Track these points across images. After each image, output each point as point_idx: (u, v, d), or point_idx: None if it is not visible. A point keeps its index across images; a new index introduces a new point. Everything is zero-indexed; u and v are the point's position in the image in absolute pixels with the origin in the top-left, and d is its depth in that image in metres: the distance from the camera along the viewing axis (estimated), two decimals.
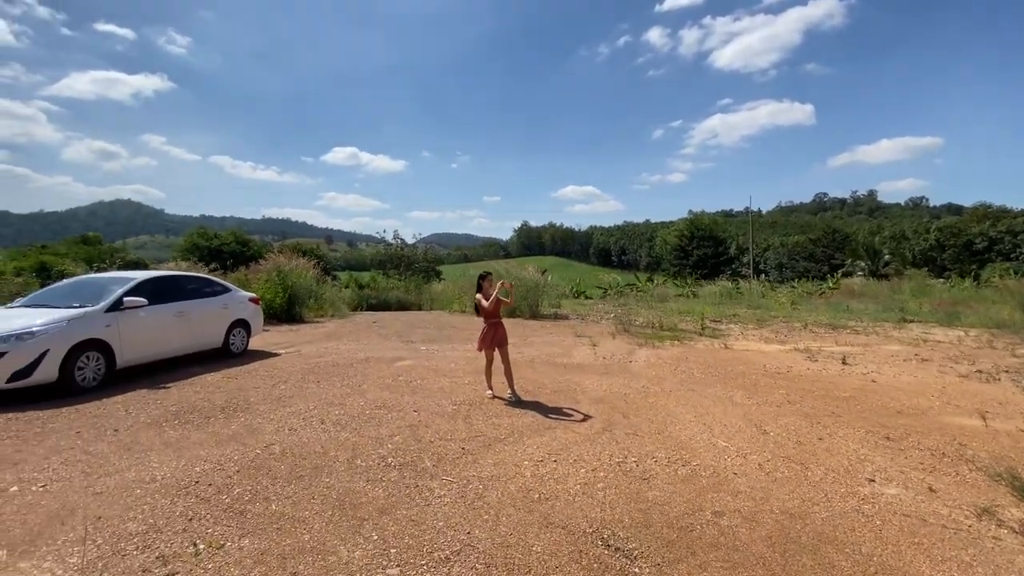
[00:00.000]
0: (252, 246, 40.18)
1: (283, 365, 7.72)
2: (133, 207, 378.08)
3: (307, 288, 15.08)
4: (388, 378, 6.93)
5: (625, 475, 3.74)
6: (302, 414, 5.15)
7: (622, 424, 5.00)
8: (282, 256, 16.51)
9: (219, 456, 3.98)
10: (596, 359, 8.65)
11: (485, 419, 5.08)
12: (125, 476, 3.61)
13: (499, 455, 4.10)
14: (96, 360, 6.00)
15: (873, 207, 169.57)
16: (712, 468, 3.91)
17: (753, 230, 64.40)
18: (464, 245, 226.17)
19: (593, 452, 4.20)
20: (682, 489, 3.52)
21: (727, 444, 4.46)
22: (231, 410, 5.27)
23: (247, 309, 8.73)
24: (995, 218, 64.12)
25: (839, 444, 4.50)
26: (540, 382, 6.82)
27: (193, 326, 7.43)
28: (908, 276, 27.61)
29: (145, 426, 4.73)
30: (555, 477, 3.68)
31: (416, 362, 8.16)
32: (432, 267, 52.52)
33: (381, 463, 3.88)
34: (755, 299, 22.03)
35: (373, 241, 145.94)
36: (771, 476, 3.78)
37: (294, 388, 6.27)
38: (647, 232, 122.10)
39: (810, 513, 3.21)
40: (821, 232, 75.12)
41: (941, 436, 4.74)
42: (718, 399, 6.08)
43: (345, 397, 5.87)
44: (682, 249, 69.86)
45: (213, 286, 8.22)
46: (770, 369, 7.90)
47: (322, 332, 11.96)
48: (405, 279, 35.73)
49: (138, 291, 6.65)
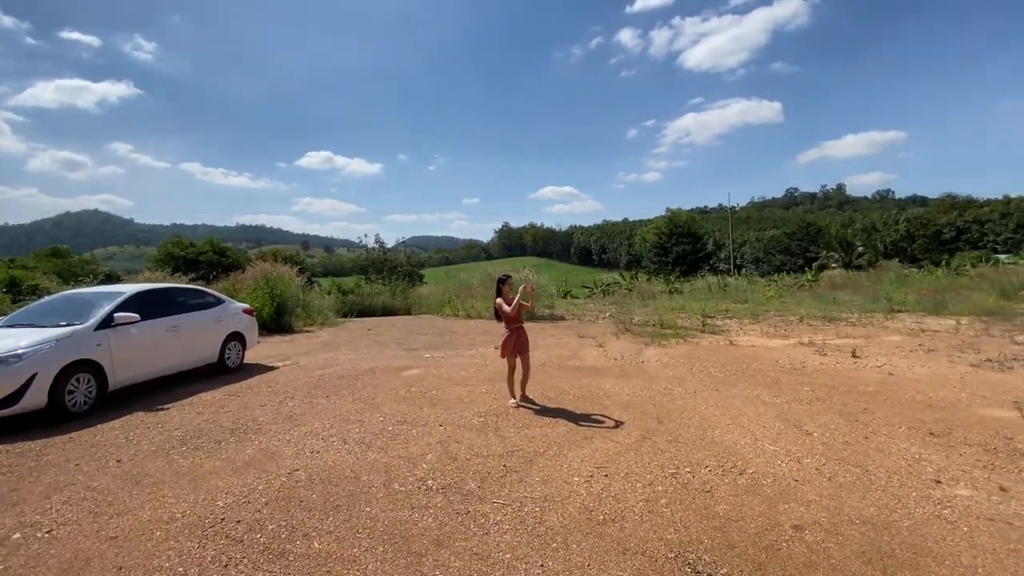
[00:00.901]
0: (230, 254, 39.02)
1: (285, 379, 7.31)
2: (101, 217, 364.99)
3: (295, 296, 14.56)
4: (400, 389, 6.60)
5: (684, 488, 3.52)
6: (320, 434, 4.80)
7: (659, 431, 4.79)
8: (267, 263, 15.95)
9: (241, 487, 3.62)
10: (608, 360, 8.45)
11: (516, 431, 4.81)
12: (139, 516, 3.23)
13: (544, 471, 3.84)
14: (87, 382, 5.53)
15: (842, 200, 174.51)
16: (770, 475, 3.72)
17: (732, 226, 65.42)
18: (445, 247, 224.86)
19: (641, 463, 3.98)
20: (749, 501, 3.31)
21: (775, 448, 4.29)
22: (242, 432, 4.88)
23: (242, 321, 8.28)
24: (962, 208, 66.51)
25: (887, 443, 4.37)
26: (560, 387, 6.58)
27: (187, 341, 6.97)
28: (885, 267, 28.29)
29: (150, 454, 4.33)
30: (612, 494, 3.44)
31: (424, 371, 7.84)
32: (415, 271, 51.86)
33: (421, 486, 3.58)
34: (742, 294, 22.18)
35: (352, 246, 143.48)
36: (834, 481, 3.61)
37: (304, 404, 5.90)
38: (626, 230, 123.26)
39: (892, 522, 3.04)
40: (795, 226, 76.82)
41: (983, 430, 4.65)
42: (746, 399, 5.93)
43: (361, 412, 5.53)
44: (661, 246, 70.57)
45: (205, 298, 7.76)
46: (785, 365, 7.82)
47: (317, 342, 11.50)
48: (390, 284, 35.12)
49: (128, 306, 6.19)
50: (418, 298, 26.26)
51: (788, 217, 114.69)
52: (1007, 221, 59.38)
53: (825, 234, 65.76)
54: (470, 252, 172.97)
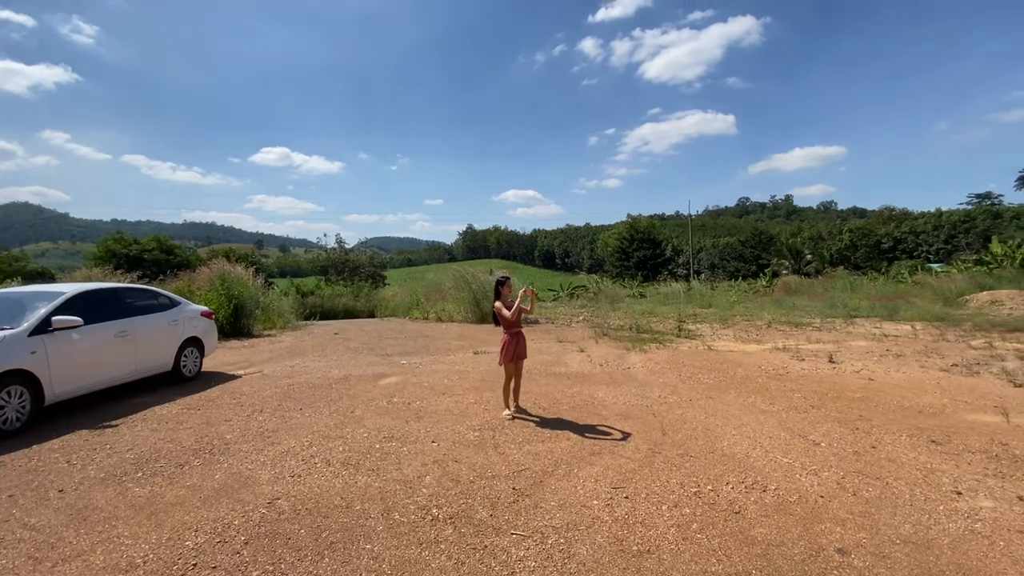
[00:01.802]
0: (178, 253, 36.64)
1: (250, 390, 6.68)
2: (32, 210, 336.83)
3: (253, 298, 13.66)
4: (380, 400, 6.13)
5: (712, 509, 3.29)
6: (298, 453, 4.30)
7: (667, 443, 4.57)
8: (222, 263, 14.93)
9: (213, 522, 3.12)
10: (594, 367, 8.24)
11: (517, 447, 4.48)
12: (91, 561, 2.69)
13: (559, 494, 3.52)
14: (19, 396, 4.79)
15: (790, 210, 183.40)
16: (795, 491, 3.55)
17: (692, 233, 67.34)
18: (407, 249, 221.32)
19: (659, 481, 3.73)
20: (783, 522, 3.11)
21: (788, 460, 4.15)
22: (207, 453, 4.32)
23: (199, 325, 7.55)
24: (899, 220, 71.09)
25: (895, 452, 4.31)
26: (552, 396, 6.29)
27: (138, 348, 6.23)
28: (836, 274, 29.67)
29: (99, 482, 3.72)
30: (639, 519, 3.16)
31: (403, 379, 7.37)
32: (378, 272, 50.50)
33: (425, 516, 3.19)
34: (706, 299, 22.63)
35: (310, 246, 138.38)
36: (859, 496, 3.47)
37: (275, 419, 5.35)
38: (588, 235, 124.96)
39: (932, 540, 2.90)
40: (748, 234, 79.93)
41: (978, 436, 4.69)
42: (743, 407, 5.82)
43: (341, 427, 5.05)
44: (623, 251, 71.94)
45: (159, 299, 6.99)
46: (768, 371, 7.83)
47: (281, 347, 10.76)
48: (352, 285, 33.97)
49: (69, 308, 5.44)
50: (382, 300, 25.44)
51: (741, 225, 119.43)
52: (939, 232, 63.94)
53: (776, 242, 68.76)
54: (433, 254, 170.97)
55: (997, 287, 20.73)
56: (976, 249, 44.97)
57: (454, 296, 16.68)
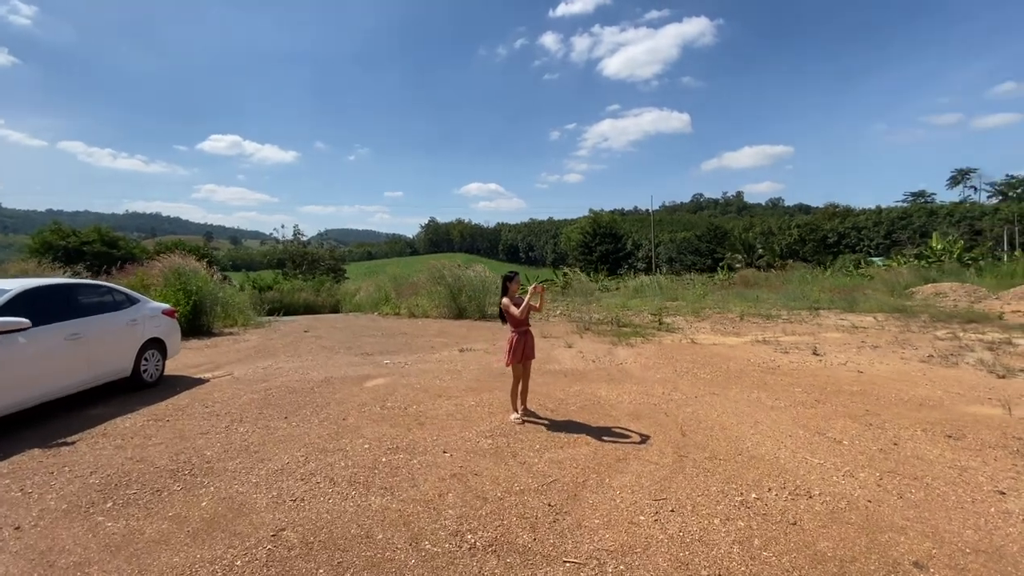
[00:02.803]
0: (122, 245, 34.00)
1: (223, 396, 6.05)
2: None
3: (213, 294, 12.71)
4: (373, 405, 5.67)
5: (766, 520, 3.08)
6: (294, 471, 3.83)
7: (690, 446, 4.37)
8: (177, 256, 13.84)
9: (210, 563, 2.64)
10: (586, 363, 8.03)
11: (537, 455, 4.16)
12: None
13: (599, 509, 3.23)
14: None
15: (741, 206, 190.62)
16: (840, 496, 3.40)
17: (653, 228, 68.73)
18: (366, 241, 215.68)
19: (698, 490, 3.50)
20: (844, 533, 2.94)
21: (819, 460, 4.02)
22: (187, 475, 3.77)
23: (161, 324, 6.80)
24: (842, 216, 75.10)
25: (919, 449, 4.27)
26: (555, 396, 6.02)
27: (93, 351, 5.49)
28: (792, 267, 30.89)
29: (63, 516, 3.14)
30: (695, 536, 2.91)
31: (391, 380, 6.91)
32: (338, 265, 48.82)
33: (461, 544, 2.83)
34: (672, 292, 22.96)
35: (264, 238, 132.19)
36: (906, 499, 3.36)
37: (259, 430, 4.80)
38: (551, 229, 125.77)
39: (1000, 547, 2.79)
40: (704, 229, 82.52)
41: (989, 430, 4.73)
42: (749, 403, 5.73)
43: (337, 438, 4.58)
44: (586, 245, 72.70)
45: (115, 296, 6.21)
46: (759, 365, 7.84)
47: (247, 347, 10.00)
48: (313, 279, 32.61)
49: (13, 308, 4.68)
50: (346, 295, 24.52)
51: (696, 220, 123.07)
52: (879, 228, 68.14)
53: (730, 237, 71.30)
54: (394, 247, 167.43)
55: (940, 280, 22.16)
56: (916, 244, 48.19)
57: (428, 291, 16.12)
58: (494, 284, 16.81)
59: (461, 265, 17.32)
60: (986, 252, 35.93)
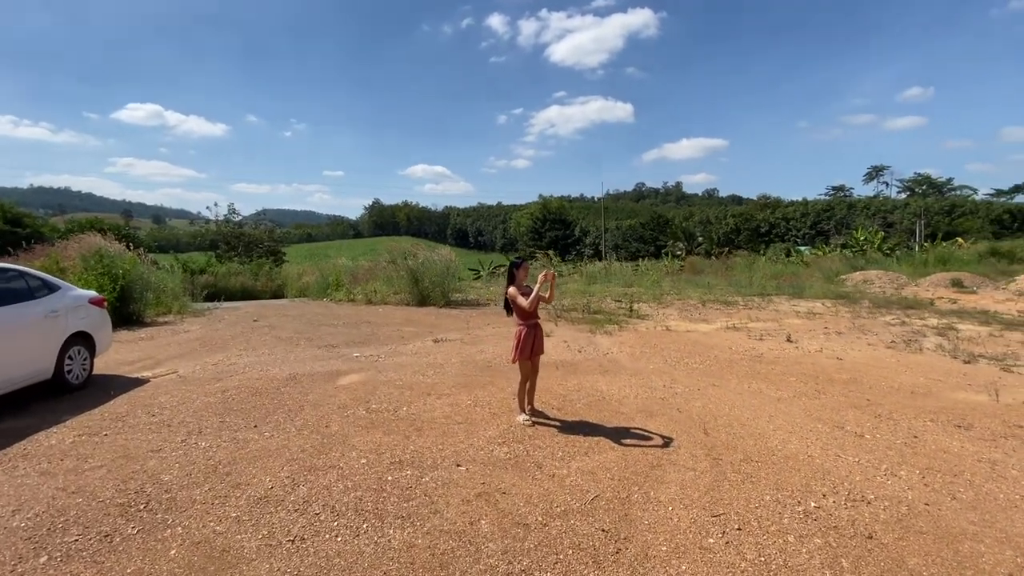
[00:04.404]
0: (27, 223, 29.84)
1: (171, 401, 5.14)
2: None
3: (142, 278, 11.21)
4: (355, 407, 5.00)
5: (839, 534, 2.81)
6: (284, 500, 3.15)
7: (719, 447, 4.09)
8: (96, 236, 12.14)
9: None
10: (572, 353, 7.68)
11: (563, 463, 3.72)
12: None
13: (659, 532, 2.84)
14: None
15: (679, 196, 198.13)
16: (898, 500, 3.21)
17: (601, 215, 69.83)
18: (305, 223, 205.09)
19: (753, 501, 3.19)
20: (924, 546, 2.72)
21: (853, 458, 3.86)
22: (143, 510, 3.00)
23: (89, 316, 5.71)
24: (773, 207, 79.67)
25: (939, 441, 4.22)
26: (555, 392, 5.62)
27: (5, 349, 4.43)
28: (736, 255, 32.28)
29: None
30: (779, 561, 2.58)
31: (367, 377, 6.22)
32: (278, 248, 45.88)
33: None
34: (627, 278, 23.21)
35: (191, 217, 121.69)
36: (960, 500, 3.22)
37: (225, 444, 4.03)
38: (501, 214, 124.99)
39: None
40: (648, 217, 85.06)
41: (988, 418, 4.80)
42: (752, 394, 5.59)
43: (324, 451, 3.91)
44: (536, 231, 72.98)
45: (29, 282, 5.08)
46: (743, 353, 7.81)
47: (189, 338, 8.85)
48: (250, 262, 30.32)
49: None
50: (289, 279, 22.96)
51: (639, 208, 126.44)
52: (806, 219, 72.84)
53: (671, 225, 73.83)
54: (336, 229, 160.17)
55: (866, 268, 23.94)
56: (841, 234, 51.98)
57: (387, 275, 15.17)
58: (459, 269, 16.14)
59: (425, 248, 16.48)
60: (901, 243, 39.38)
